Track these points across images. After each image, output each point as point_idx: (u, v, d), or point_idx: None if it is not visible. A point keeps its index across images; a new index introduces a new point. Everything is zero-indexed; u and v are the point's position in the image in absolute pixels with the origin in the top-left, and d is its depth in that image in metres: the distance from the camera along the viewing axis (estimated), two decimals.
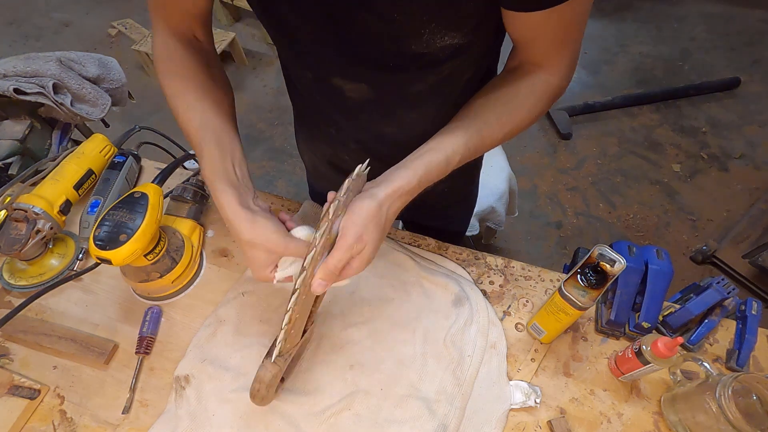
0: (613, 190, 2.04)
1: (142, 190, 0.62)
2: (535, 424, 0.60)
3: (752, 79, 2.43)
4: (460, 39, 0.47)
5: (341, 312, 0.67)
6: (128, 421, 0.59)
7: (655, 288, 0.65)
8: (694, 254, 1.80)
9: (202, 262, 0.75)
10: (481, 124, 0.52)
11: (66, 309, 0.70)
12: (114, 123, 1.19)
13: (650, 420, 0.60)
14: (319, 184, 0.87)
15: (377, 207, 0.46)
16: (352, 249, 0.45)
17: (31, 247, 0.68)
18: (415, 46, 0.47)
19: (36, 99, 0.88)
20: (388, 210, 0.47)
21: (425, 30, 0.45)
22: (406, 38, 0.46)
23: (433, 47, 0.47)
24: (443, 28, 0.45)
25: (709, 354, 0.66)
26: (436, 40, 0.46)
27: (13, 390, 0.60)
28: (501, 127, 0.53)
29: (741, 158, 2.13)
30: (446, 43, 0.47)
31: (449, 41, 0.47)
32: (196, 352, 0.63)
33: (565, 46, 0.50)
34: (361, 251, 0.46)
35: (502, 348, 0.65)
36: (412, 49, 0.48)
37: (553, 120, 2.26)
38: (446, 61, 0.51)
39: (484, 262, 0.75)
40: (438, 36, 0.46)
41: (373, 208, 0.45)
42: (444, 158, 0.50)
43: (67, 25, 2.83)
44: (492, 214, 1.44)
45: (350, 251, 0.45)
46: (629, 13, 2.85)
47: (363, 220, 0.45)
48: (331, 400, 0.59)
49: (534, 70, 0.52)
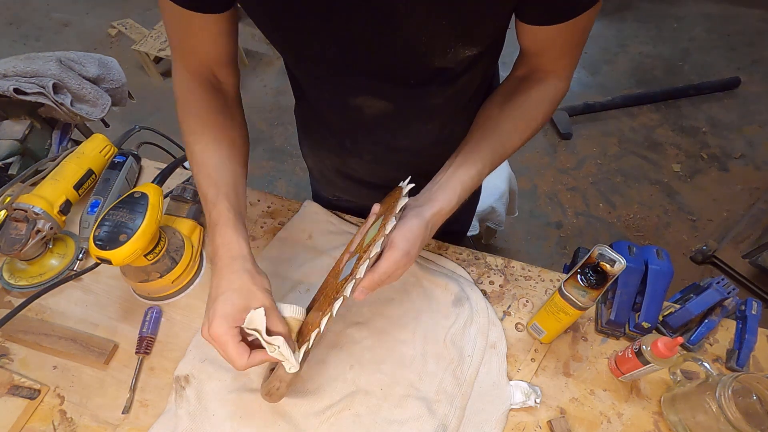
0: (613, 190, 2.04)
1: (142, 190, 0.62)
2: (535, 424, 0.60)
3: (752, 79, 2.43)
4: (477, 50, 0.49)
5: (341, 312, 0.67)
6: (128, 421, 0.59)
7: (655, 288, 0.65)
8: (694, 254, 1.80)
9: (202, 262, 0.75)
10: (503, 134, 0.55)
11: (66, 309, 0.70)
12: (114, 123, 1.18)
13: (650, 420, 0.60)
14: (325, 190, 0.87)
15: (425, 226, 0.49)
16: (399, 263, 0.48)
17: (31, 247, 0.68)
18: (438, 62, 0.49)
19: (36, 99, 0.88)
20: (432, 228, 0.51)
21: (450, 49, 0.46)
22: (432, 56, 0.48)
23: (453, 61, 0.49)
24: (468, 45, 0.47)
25: (709, 354, 0.66)
26: (458, 55, 0.48)
27: (13, 390, 0.60)
28: (519, 135, 0.55)
29: (741, 158, 2.13)
30: (466, 56, 0.49)
31: (469, 54, 0.48)
32: (196, 352, 0.63)
33: (574, 52, 0.51)
34: (406, 265, 0.49)
35: (502, 348, 0.65)
36: (435, 65, 0.49)
37: (553, 120, 2.26)
38: (464, 74, 0.53)
39: (484, 262, 0.75)
40: (461, 51, 0.47)
41: (422, 227, 0.49)
42: (476, 174, 0.53)
43: (67, 25, 2.83)
44: (492, 214, 1.44)
45: (398, 264, 0.48)
46: (629, 13, 2.85)
47: (413, 237, 0.48)
48: (331, 400, 0.59)
49: (544, 78, 0.54)
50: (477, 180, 0.53)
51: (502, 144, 0.54)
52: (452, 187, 0.52)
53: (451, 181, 0.52)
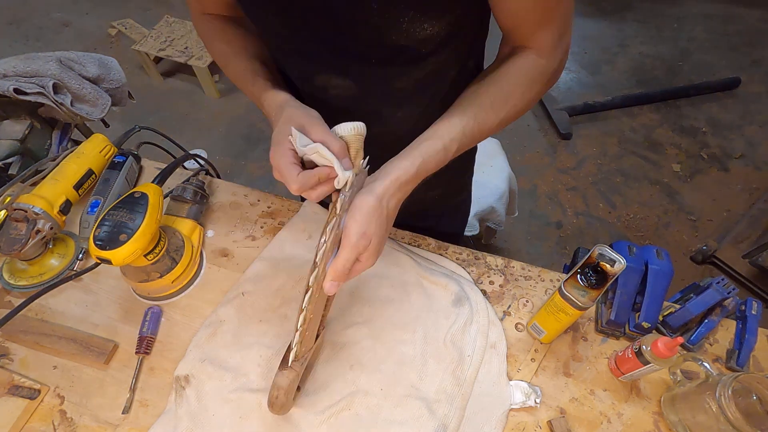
0: (613, 190, 2.04)
1: (142, 190, 0.62)
2: (535, 424, 0.60)
3: (752, 79, 2.43)
4: (440, 29, 0.47)
5: (341, 312, 0.67)
6: (128, 421, 0.59)
7: (655, 288, 0.65)
8: (694, 254, 1.80)
9: (202, 262, 0.75)
10: (477, 109, 0.52)
11: (66, 309, 0.70)
12: (114, 123, 1.18)
13: (650, 420, 0.60)
14: None
15: (377, 201, 0.46)
16: (358, 246, 0.45)
17: (31, 247, 0.68)
18: (395, 36, 0.47)
19: (36, 99, 0.88)
20: (389, 202, 0.47)
21: (403, 18, 0.45)
22: (386, 28, 0.46)
23: (413, 38, 0.47)
24: (422, 16, 0.45)
25: (709, 354, 0.66)
26: (416, 30, 0.46)
27: (13, 390, 0.60)
28: (496, 112, 0.53)
29: (741, 158, 2.13)
30: (427, 33, 0.47)
31: (429, 31, 0.47)
32: (196, 352, 0.63)
33: (550, 23, 0.49)
34: (367, 247, 0.46)
35: (502, 348, 0.65)
36: (392, 40, 0.48)
37: (553, 120, 2.26)
38: (429, 55, 0.51)
39: (484, 262, 0.75)
40: (417, 25, 0.46)
41: (373, 202, 0.46)
42: (441, 146, 0.50)
43: (67, 25, 2.83)
44: (492, 214, 1.44)
45: (356, 249, 0.45)
46: (629, 13, 2.85)
47: (364, 216, 0.45)
48: (331, 399, 0.59)
49: (521, 52, 0.52)
50: (443, 154, 0.50)
51: (475, 119, 0.52)
52: (411, 157, 0.49)
53: (412, 153, 0.49)
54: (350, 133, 0.49)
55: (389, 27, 0.46)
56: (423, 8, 0.45)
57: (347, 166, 0.47)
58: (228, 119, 2.33)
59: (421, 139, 0.51)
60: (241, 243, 0.77)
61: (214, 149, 2.19)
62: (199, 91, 2.42)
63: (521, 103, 0.54)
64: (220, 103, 2.40)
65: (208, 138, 2.25)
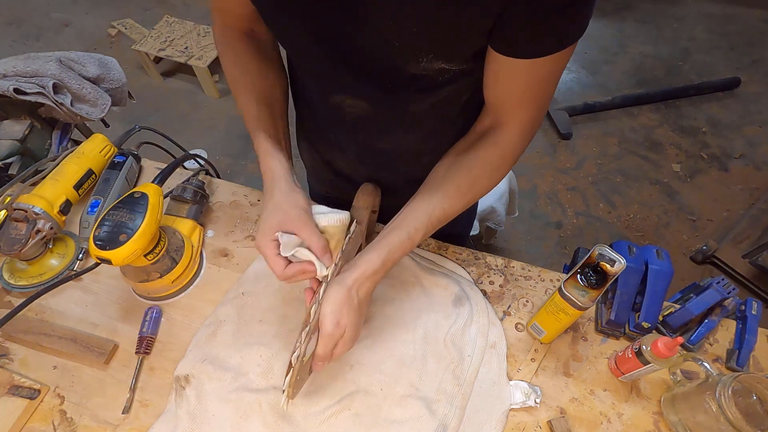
0: (613, 190, 2.04)
1: (142, 190, 0.62)
2: (535, 424, 0.60)
3: (752, 79, 2.43)
4: (456, 67, 0.48)
5: None
6: (128, 421, 0.59)
7: (655, 288, 0.65)
8: (694, 254, 1.80)
9: (202, 262, 0.75)
10: (443, 196, 0.55)
11: (66, 309, 0.70)
12: (114, 123, 1.18)
13: (650, 420, 0.60)
14: (318, 184, 0.88)
15: (347, 292, 0.50)
16: (334, 335, 0.49)
17: (31, 247, 0.68)
18: (413, 69, 0.48)
19: (36, 99, 0.88)
20: (358, 292, 0.51)
21: (422, 59, 0.46)
22: (404, 63, 0.48)
23: (430, 71, 0.49)
24: (440, 58, 0.47)
25: (709, 354, 0.66)
26: (433, 66, 0.48)
27: (13, 390, 0.60)
28: (462, 197, 0.56)
29: (741, 158, 2.13)
30: (444, 68, 0.48)
31: (447, 67, 0.48)
32: (196, 352, 0.63)
33: (533, 104, 0.51)
34: (342, 335, 0.50)
35: (502, 348, 0.65)
36: (410, 72, 0.49)
37: (553, 120, 2.26)
38: (445, 84, 0.52)
39: (484, 262, 0.75)
40: (435, 64, 0.47)
41: (343, 293, 0.50)
42: (407, 236, 0.54)
43: (67, 25, 2.83)
44: (492, 214, 1.44)
45: (333, 338, 0.50)
46: (629, 13, 2.85)
47: (337, 306, 0.49)
48: (331, 399, 0.59)
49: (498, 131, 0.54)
50: (408, 243, 0.53)
51: (442, 206, 0.55)
52: (378, 249, 0.53)
53: (379, 244, 0.53)
54: (335, 224, 0.54)
55: (407, 62, 0.48)
56: (443, 53, 0.46)
57: (327, 263, 0.53)
58: (228, 119, 2.33)
59: (389, 228, 0.55)
60: (241, 243, 0.77)
61: (214, 149, 2.19)
62: (199, 91, 2.42)
63: (487, 187, 0.57)
64: (220, 103, 2.40)
65: (208, 138, 2.25)
